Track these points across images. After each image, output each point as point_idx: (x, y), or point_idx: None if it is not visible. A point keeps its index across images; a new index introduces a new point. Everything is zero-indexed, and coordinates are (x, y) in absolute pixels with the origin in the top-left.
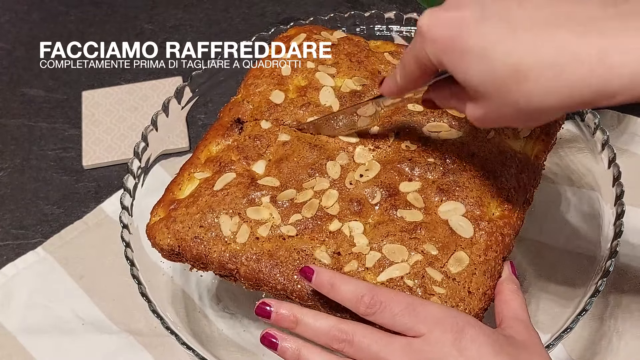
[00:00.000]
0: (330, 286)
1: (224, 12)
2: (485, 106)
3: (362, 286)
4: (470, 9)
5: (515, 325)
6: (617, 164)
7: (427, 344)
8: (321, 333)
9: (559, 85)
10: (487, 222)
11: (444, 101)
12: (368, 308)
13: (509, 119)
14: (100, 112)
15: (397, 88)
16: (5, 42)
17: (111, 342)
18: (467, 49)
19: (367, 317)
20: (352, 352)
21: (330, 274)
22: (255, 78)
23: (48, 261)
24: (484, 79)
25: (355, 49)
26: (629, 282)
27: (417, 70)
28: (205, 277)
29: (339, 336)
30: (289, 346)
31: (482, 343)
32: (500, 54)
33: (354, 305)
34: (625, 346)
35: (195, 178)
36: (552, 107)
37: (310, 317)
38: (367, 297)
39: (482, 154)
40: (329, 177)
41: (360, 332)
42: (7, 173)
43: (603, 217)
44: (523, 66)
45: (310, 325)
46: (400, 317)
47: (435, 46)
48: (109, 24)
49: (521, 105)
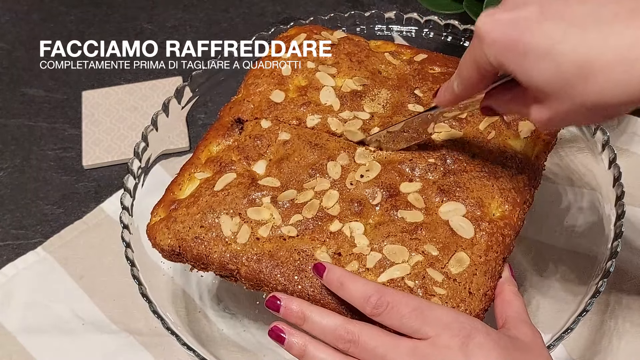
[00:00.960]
0: (339, 284)
1: (224, 12)
2: (551, 107)
3: (371, 286)
4: (529, 8)
5: (519, 327)
6: (618, 164)
7: (434, 348)
8: (328, 331)
9: (630, 80)
10: (487, 222)
11: (504, 106)
12: (375, 308)
13: (576, 118)
14: (100, 112)
15: (454, 96)
16: (5, 42)
17: (111, 342)
18: (530, 48)
19: (374, 318)
20: (357, 352)
21: (340, 272)
22: (256, 78)
23: (48, 261)
24: (549, 78)
25: (355, 49)
26: (629, 282)
27: (476, 75)
28: (206, 277)
29: (344, 336)
30: (296, 341)
31: (490, 349)
32: (566, 52)
33: (361, 304)
34: (625, 346)
35: (196, 178)
36: (623, 102)
37: (317, 315)
38: (374, 297)
39: (483, 154)
40: (329, 177)
41: (366, 333)
42: (7, 173)
43: (603, 218)
44: (591, 62)
45: (317, 323)
46: (408, 319)
47: (495, 48)
48: (108, 24)
49: (590, 102)
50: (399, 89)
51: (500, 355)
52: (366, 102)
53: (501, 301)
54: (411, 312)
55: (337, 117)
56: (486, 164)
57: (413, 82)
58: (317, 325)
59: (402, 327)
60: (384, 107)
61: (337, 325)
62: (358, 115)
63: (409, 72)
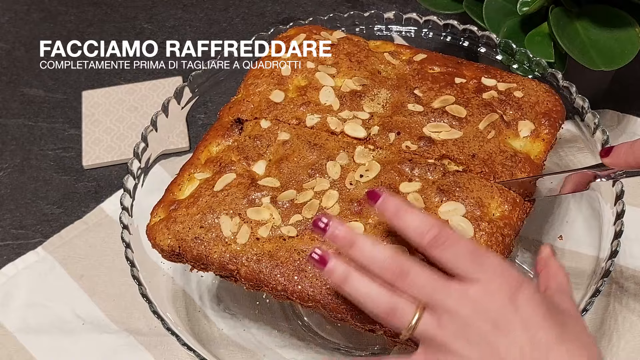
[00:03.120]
0: (395, 212)
1: (224, 12)
2: None
3: (431, 219)
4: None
5: (561, 296)
6: None
7: (484, 294)
8: (377, 260)
9: None
10: (487, 222)
11: None
12: (433, 240)
13: None
14: (100, 112)
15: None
16: (5, 42)
17: (111, 342)
18: None
19: (429, 250)
20: (404, 286)
21: (399, 201)
22: (255, 78)
23: (48, 261)
24: None
25: (355, 49)
26: (629, 282)
27: None
28: (206, 277)
29: (393, 268)
30: (339, 267)
31: (538, 304)
32: None
33: (419, 235)
34: (625, 346)
35: (196, 178)
36: None
37: (368, 242)
38: (435, 229)
39: (483, 154)
40: (329, 177)
41: (417, 269)
42: (7, 173)
43: (603, 217)
44: None
45: (366, 251)
46: (463, 258)
47: None
48: (108, 24)
49: None
50: (398, 88)
51: (547, 312)
52: (366, 102)
53: (546, 273)
54: (467, 254)
55: (336, 116)
56: (486, 163)
57: (412, 82)
58: (366, 253)
59: (455, 265)
60: (383, 107)
61: (388, 255)
62: (357, 115)
63: (408, 72)
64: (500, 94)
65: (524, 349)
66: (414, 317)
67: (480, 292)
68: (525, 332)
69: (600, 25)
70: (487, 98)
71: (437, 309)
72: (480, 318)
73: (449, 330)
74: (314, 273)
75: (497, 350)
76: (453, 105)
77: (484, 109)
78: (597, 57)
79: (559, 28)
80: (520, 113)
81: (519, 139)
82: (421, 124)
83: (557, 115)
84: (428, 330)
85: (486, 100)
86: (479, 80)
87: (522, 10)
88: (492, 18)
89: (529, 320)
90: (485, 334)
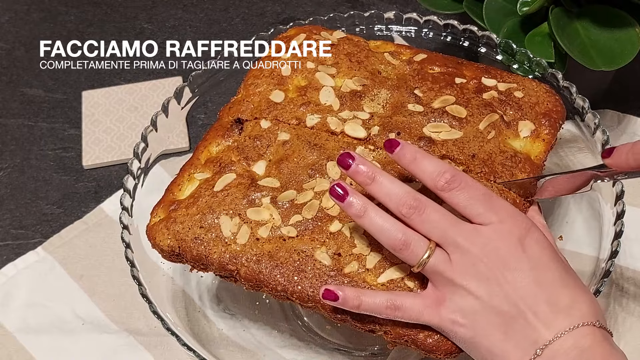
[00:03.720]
0: (412, 159)
1: (224, 12)
2: None
3: (447, 165)
4: None
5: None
6: None
7: (495, 233)
8: (394, 195)
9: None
10: None
11: None
12: (447, 183)
13: None
14: (100, 112)
15: (636, 162)
16: (5, 42)
17: (111, 342)
18: None
19: (443, 192)
20: (418, 221)
21: (416, 148)
22: (255, 78)
23: (48, 261)
24: None
25: (355, 49)
26: (628, 283)
27: None
28: (206, 277)
29: (410, 202)
30: (357, 201)
31: (545, 246)
32: None
33: (433, 178)
34: (625, 346)
35: (195, 179)
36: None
37: (387, 178)
38: (449, 173)
39: (483, 154)
40: (329, 177)
41: (432, 207)
42: (7, 173)
43: (603, 217)
44: None
45: (385, 185)
46: (476, 200)
47: None
48: (108, 24)
49: None
50: (398, 89)
51: (552, 254)
52: (366, 102)
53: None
54: (480, 196)
55: (336, 116)
56: (486, 164)
57: (413, 82)
58: (385, 188)
59: (468, 207)
60: (383, 107)
61: (406, 191)
62: (358, 115)
63: (408, 72)
64: (501, 94)
65: (531, 287)
66: (426, 252)
67: (491, 233)
68: (533, 271)
69: (600, 25)
70: (487, 98)
71: (448, 246)
72: (489, 256)
73: (459, 267)
74: (314, 273)
75: (504, 287)
76: (453, 106)
77: (484, 109)
78: (597, 57)
79: (559, 28)
80: (521, 113)
81: (519, 139)
82: (421, 124)
83: (557, 116)
84: (438, 266)
85: (486, 101)
86: (479, 80)
87: (522, 10)
88: (492, 18)
89: (537, 260)
90: (493, 272)
